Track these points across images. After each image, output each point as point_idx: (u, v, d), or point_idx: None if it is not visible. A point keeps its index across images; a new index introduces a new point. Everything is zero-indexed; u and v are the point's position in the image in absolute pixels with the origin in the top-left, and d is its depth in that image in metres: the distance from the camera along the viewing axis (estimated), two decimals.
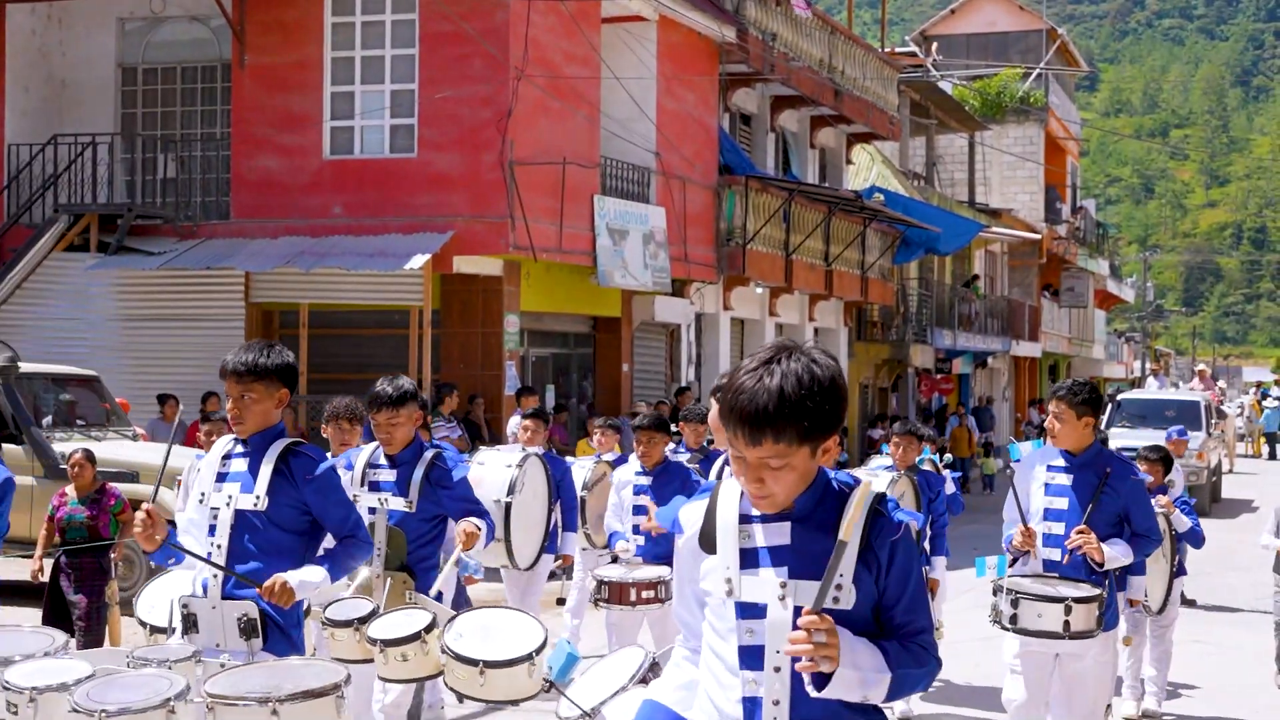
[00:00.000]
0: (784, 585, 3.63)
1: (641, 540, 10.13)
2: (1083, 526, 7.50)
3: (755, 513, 3.72)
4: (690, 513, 3.87)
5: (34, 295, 21.88)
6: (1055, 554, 7.65)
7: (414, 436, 7.95)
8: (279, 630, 5.85)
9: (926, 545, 10.78)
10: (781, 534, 3.69)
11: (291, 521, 5.98)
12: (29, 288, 21.87)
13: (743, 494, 3.73)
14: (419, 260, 20.22)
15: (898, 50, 49.77)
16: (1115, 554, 7.59)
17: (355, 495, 7.65)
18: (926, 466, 11.15)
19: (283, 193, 21.83)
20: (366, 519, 6.98)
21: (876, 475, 10.09)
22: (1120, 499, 7.66)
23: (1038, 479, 7.76)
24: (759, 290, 29.44)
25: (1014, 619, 7.44)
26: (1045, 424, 7.93)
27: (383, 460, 7.93)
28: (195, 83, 23.92)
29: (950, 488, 11.48)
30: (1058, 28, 58.06)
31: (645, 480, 10.29)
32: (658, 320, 25.98)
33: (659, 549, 9.97)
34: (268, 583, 5.75)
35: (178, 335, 21.64)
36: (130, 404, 19.02)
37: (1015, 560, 7.76)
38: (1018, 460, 8.42)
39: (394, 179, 21.45)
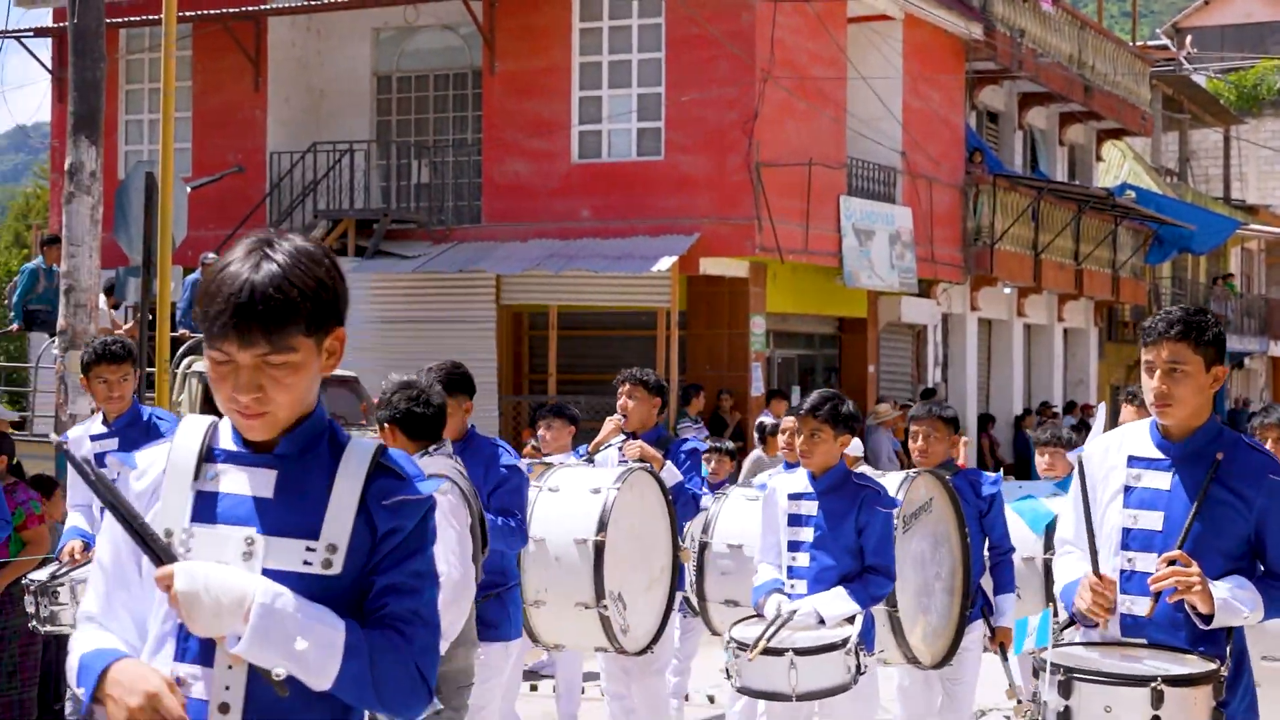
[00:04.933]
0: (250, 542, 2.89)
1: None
2: (1176, 552, 4.44)
3: (230, 448, 2.98)
4: (151, 455, 3.08)
5: None
6: (1138, 604, 4.53)
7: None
8: None
9: (984, 580, 7.55)
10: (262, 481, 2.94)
11: None
12: None
13: (213, 428, 3.02)
14: (666, 262, 20.37)
15: (1149, 44, 48.52)
16: (1231, 600, 4.45)
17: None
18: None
19: (532, 197, 22.17)
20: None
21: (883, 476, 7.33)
22: (1246, 508, 4.56)
23: (1111, 482, 4.66)
24: (1007, 290, 28.96)
25: (1066, 717, 4.39)
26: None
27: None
28: (447, 90, 24.44)
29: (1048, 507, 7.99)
30: None
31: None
32: (904, 321, 25.75)
33: None
34: None
35: (431, 337, 22.11)
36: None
37: (1070, 624, 4.76)
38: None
39: (641, 182, 21.63)
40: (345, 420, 17.53)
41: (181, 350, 16.25)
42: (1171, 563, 4.41)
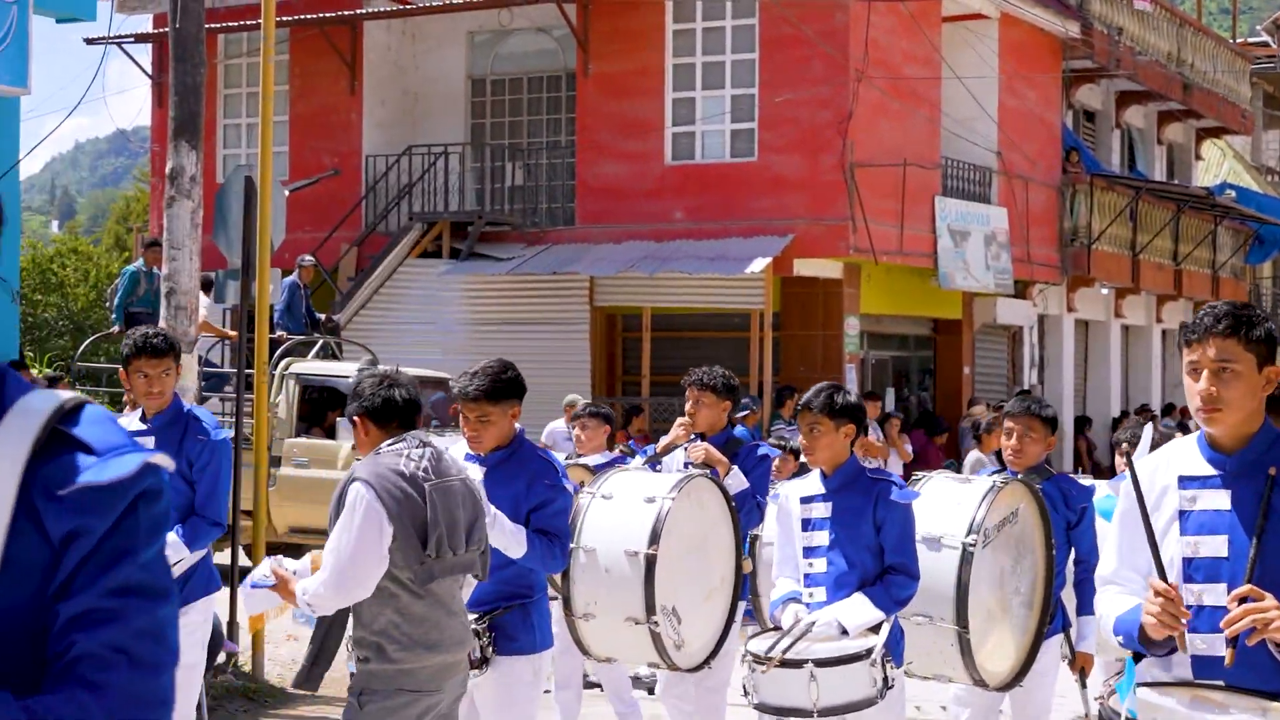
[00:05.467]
0: None
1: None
2: (1245, 588, 3.88)
3: None
4: None
5: (390, 300, 22.76)
6: (1210, 643, 3.96)
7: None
8: None
9: (1066, 594, 6.95)
10: None
11: None
12: (385, 293, 22.76)
13: None
14: (760, 264, 20.33)
15: (1248, 40, 47.78)
16: None
17: None
18: None
19: (626, 198, 22.20)
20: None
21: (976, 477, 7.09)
22: None
23: (1164, 508, 4.11)
24: (1104, 291, 28.63)
25: None
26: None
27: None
28: (541, 92, 24.53)
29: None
30: None
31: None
32: (999, 322, 25.53)
33: None
34: None
35: (525, 338, 22.19)
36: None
37: (1143, 655, 4.16)
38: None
39: (734, 183, 21.60)
40: (441, 421, 17.62)
41: (279, 352, 16.41)
42: (1243, 600, 3.84)
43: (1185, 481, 4.06)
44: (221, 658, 9.91)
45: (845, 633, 5.84)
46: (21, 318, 18.26)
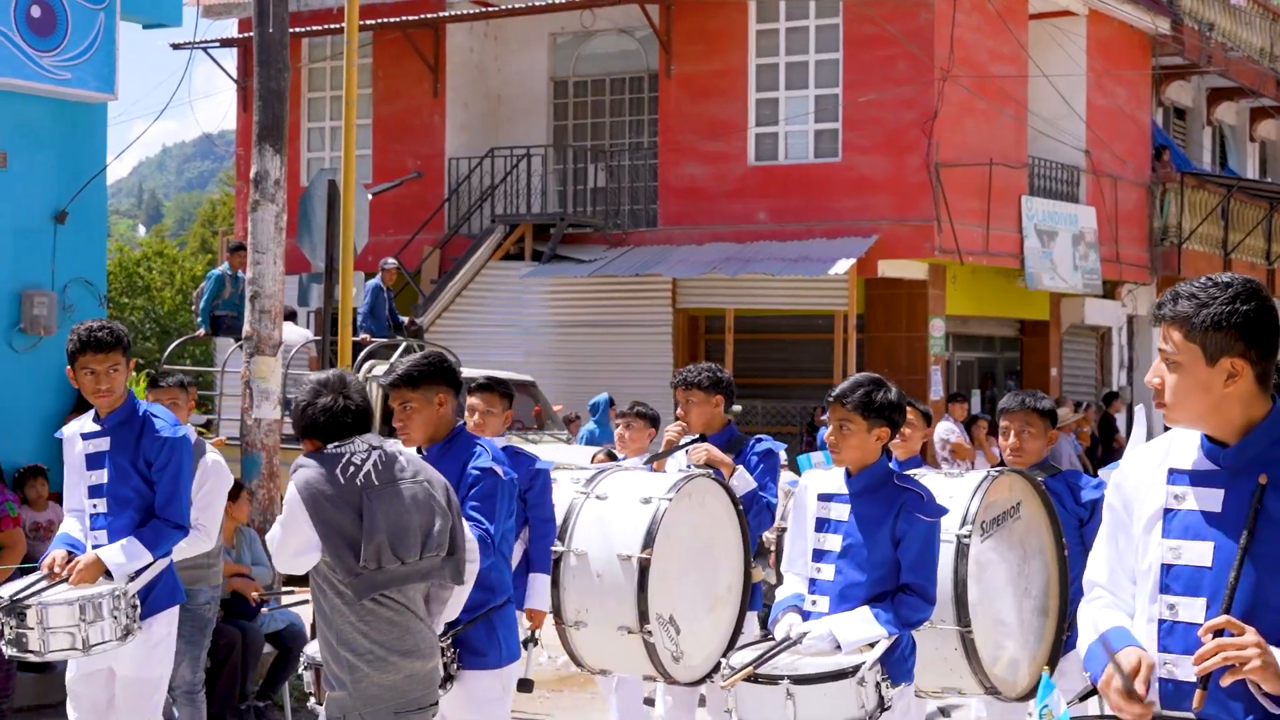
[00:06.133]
0: None
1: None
2: (1222, 619, 3.31)
3: None
4: None
5: (473, 302, 22.78)
6: (1181, 667, 3.42)
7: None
8: None
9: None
10: None
11: None
12: (468, 295, 22.78)
13: None
14: (844, 265, 20.17)
15: None
16: None
17: None
18: None
19: (708, 200, 22.10)
20: None
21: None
22: None
23: (1148, 503, 3.58)
24: None
25: None
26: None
27: None
28: (623, 93, 24.47)
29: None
30: None
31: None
32: (1087, 323, 25.23)
33: None
34: None
35: (607, 340, 22.16)
36: (564, 407, 19.54)
37: (1092, 692, 3.71)
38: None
39: (818, 184, 21.45)
40: (521, 423, 17.60)
41: (362, 355, 16.44)
42: (1219, 632, 3.27)
43: (1175, 475, 3.53)
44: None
45: (840, 648, 5.32)
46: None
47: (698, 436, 7.28)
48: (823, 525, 5.55)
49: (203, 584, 7.93)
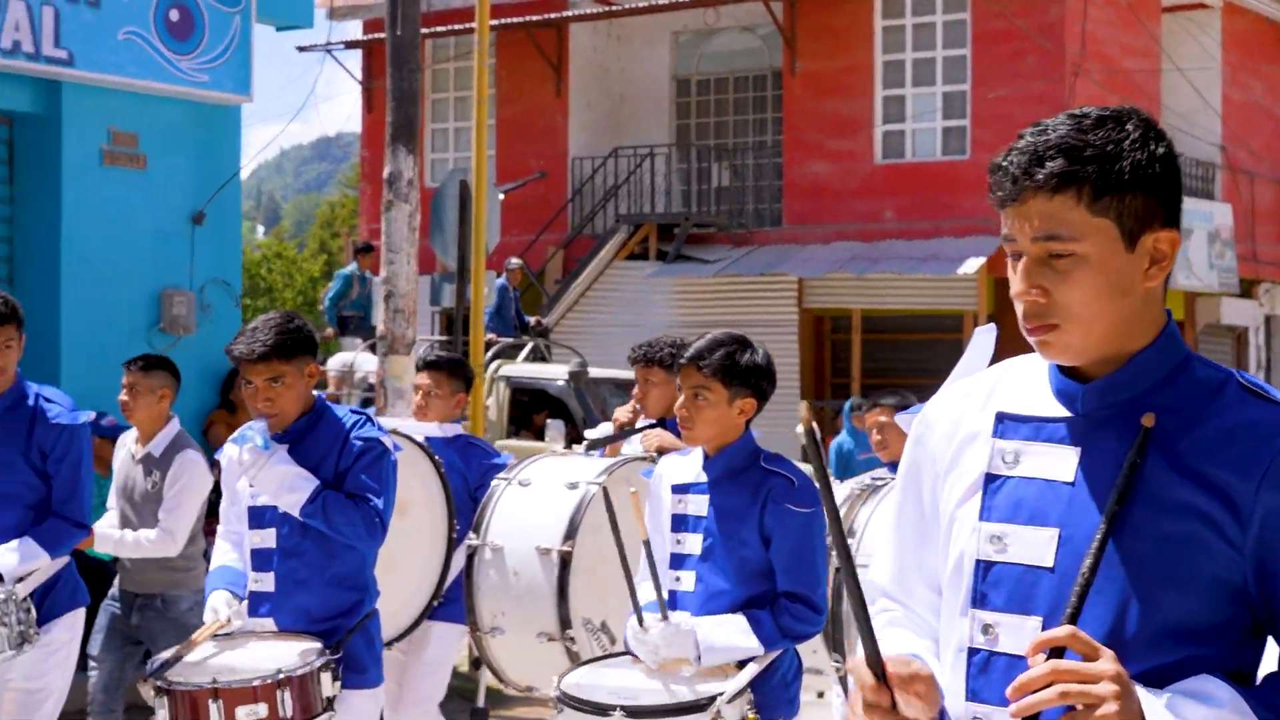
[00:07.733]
0: None
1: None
2: (1064, 630, 2.06)
3: None
4: None
5: (597, 302, 22.72)
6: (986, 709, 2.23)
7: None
8: None
9: None
10: None
11: None
12: (592, 295, 22.73)
13: None
14: (973, 264, 19.88)
15: None
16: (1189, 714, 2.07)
17: None
18: None
19: (834, 198, 21.89)
20: None
21: None
22: (1228, 518, 2.13)
23: (962, 467, 2.35)
24: None
25: None
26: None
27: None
28: (746, 91, 24.31)
29: None
30: None
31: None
32: (1224, 323, 24.71)
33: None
34: None
35: None
36: None
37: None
38: None
39: (946, 182, 21.16)
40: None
41: (490, 354, 16.41)
42: (1058, 653, 2.06)
43: (1006, 423, 2.29)
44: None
45: (699, 658, 4.22)
46: None
47: (655, 422, 6.20)
48: (680, 523, 4.44)
49: (183, 589, 7.03)
